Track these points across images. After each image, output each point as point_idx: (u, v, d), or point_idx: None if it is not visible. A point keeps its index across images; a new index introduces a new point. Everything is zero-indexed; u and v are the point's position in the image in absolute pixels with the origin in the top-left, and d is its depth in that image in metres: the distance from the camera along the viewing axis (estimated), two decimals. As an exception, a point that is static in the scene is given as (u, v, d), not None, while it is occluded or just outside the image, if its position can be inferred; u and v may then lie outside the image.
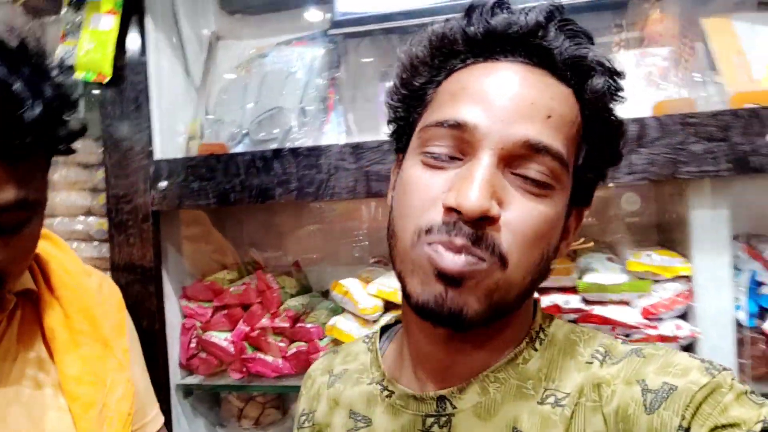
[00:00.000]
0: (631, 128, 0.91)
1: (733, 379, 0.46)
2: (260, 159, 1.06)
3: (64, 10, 1.12)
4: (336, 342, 1.15)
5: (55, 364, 0.73)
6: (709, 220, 0.95)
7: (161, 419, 0.90)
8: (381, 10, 1.17)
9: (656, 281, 1.02)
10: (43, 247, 0.80)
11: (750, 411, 0.43)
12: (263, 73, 1.24)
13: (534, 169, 0.48)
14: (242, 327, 1.21)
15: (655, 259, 1.00)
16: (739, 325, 1.00)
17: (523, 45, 0.51)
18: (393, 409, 0.56)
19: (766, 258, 0.99)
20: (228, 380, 1.22)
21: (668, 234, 1.08)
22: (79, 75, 1.11)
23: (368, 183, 1.01)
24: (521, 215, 0.48)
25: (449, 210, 0.47)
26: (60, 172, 1.30)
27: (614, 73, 0.53)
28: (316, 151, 1.04)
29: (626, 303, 1.03)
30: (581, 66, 0.51)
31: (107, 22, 1.11)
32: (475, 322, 0.48)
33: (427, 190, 0.49)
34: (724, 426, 0.42)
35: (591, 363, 0.51)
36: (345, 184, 1.02)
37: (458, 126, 0.49)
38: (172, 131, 1.23)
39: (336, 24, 1.18)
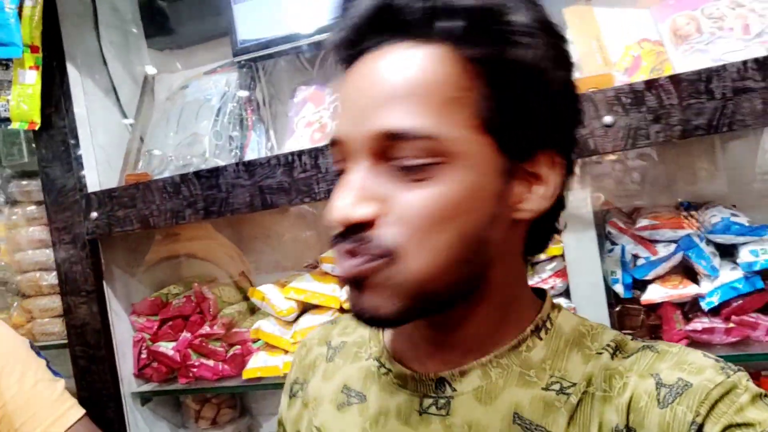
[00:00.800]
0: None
1: (748, 380, 0.45)
2: (170, 184, 1.17)
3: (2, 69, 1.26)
4: (268, 345, 1.26)
5: None
6: (573, 200, 1.01)
7: (66, 421, 0.94)
8: (278, 33, 1.26)
9: (538, 262, 1.08)
10: None
11: (765, 413, 0.43)
12: (183, 103, 1.36)
13: (405, 156, 0.44)
14: (185, 335, 1.33)
15: (529, 241, 1.06)
16: (618, 298, 1.05)
17: (380, 26, 0.47)
18: (389, 387, 0.54)
19: (633, 232, 1.04)
20: (178, 385, 1.34)
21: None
22: (14, 125, 1.25)
23: (263, 196, 1.11)
24: (404, 207, 0.44)
25: (332, 225, 0.47)
26: (23, 209, 1.46)
27: (485, 9, 0.45)
28: (215, 173, 1.14)
29: (512, 285, 1.09)
30: (435, 17, 0.45)
31: (31, 77, 1.24)
32: (398, 318, 0.46)
33: (327, 208, 0.48)
34: (738, 425, 0.42)
35: (601, 354, 0.50)
36: (242, 199, 1.12)
37: (335, 143, 0.48)
38: (108, 165, 1.36)
39: (238, 52, 1.29)
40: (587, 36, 1.08)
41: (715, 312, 0.99)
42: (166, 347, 1.34)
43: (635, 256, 1.04)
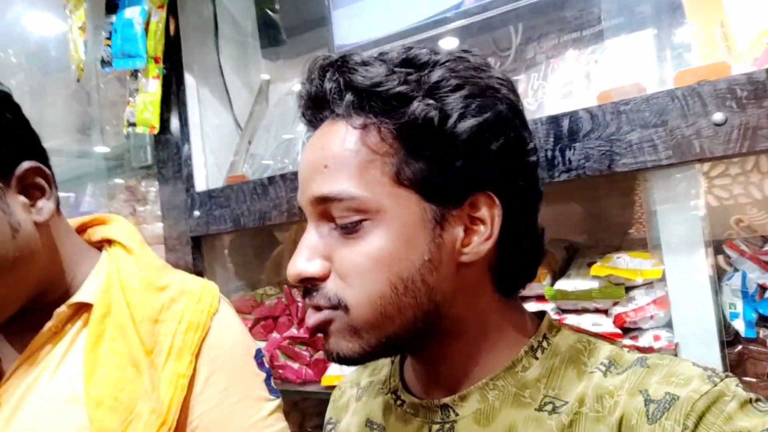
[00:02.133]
0: (563, 123, 0.86)
1: (737, 386, 0.45)
2: (259, 186, 1.21)
3: (128, 79, 1.41)
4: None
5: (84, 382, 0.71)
6: (677, 213, 0.85)
7: None
8: (376, 35, 1.25)
9: (635, 287, 0.93)
10: (116, 257, 0.79)
11: (755, 419, 0.43)
12: (286, 109, 1.40)
13: (337, 216, 0.50)
14: (275, 336, 1.36)
15: (623, 261, 0.91)
16: (738, 337, 0.86)
17: (316, 106, 0.54)
18: (404, 417, 0.58)
19: (758, 257, 0.84)
20: (265, 384, 1.37)
21: (631, 236, 0.97)
22: (138, 129, 1.38)
23: (340, 200, 1.09)
24: (342, 261, 0.50)
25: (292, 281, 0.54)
26: (151, 206, 1.60)
27: (369, 83, 0.50)
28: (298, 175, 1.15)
29: (604, 311, 0.95)
30: (337, 96, 0.51)
31: (153, 86, 1.36)
32: (360, 358, 0.51)
33: None
34: None
35: (594, 373, 0.51)
36: (321, 202, 1.12)
37: (300, 209, 0.55)
38: (218, 168, 1.44)
39: (334, 57, 1.29)
40: (709, 21, 0.91)
41: None
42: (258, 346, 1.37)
43: (762, 287, 0.85)
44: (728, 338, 0.88)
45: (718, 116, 0.76)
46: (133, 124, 1.40)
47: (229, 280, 1.45)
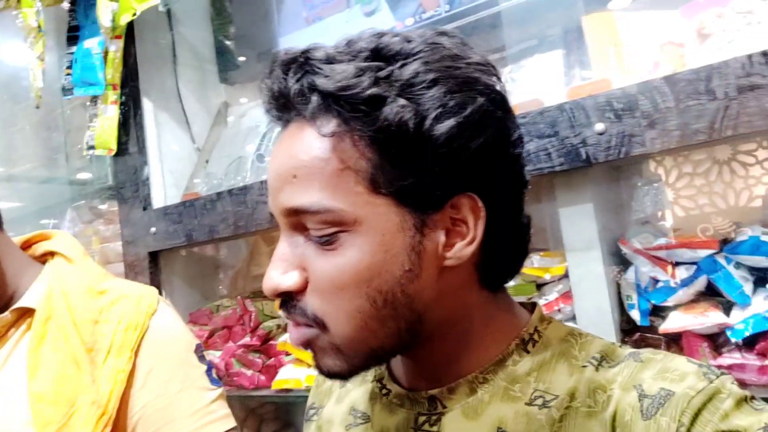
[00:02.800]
0: (472, 136, 0.95)
1: (732, 383, 0.45)
2: (209, 201, 1.28)
3: (87, 104, 1.49)
4: (297, 358, 1.30)
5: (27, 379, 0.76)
6: (575, 215, 0.94)
7: None
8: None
9: (545, 284, 1.01)
10: (57, 267, 0.85)
11: (750, 417, 0.42)
12: (238, 130, 1.48)
13: (312, 228, 0.47)
14: (230, 345, 1.42)
15: (535, 261, 0.99)
16: (635, 325, 0.95)
17: (282, 105, 0.50)
18: (390, 406, 0.57)
19: (648, 252, 0.93)
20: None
21: (546, 234, 1.06)
22: (97, 151, 1.46)
23: (282, 212, 1.17)
24: (318, 276, 0.47)
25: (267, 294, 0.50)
26: (114, 225, 1.67)
27: (336, 85, 0.46)
28: (244, 190, 1.23)
29: (520, 307, 1.03)
30: (305, 99, 0.47)
31: (111, 111, 1.44)
32: (349, 373, 0.50)
33: None
34: None
35: (585, 367, 0.49)
36: (264, 216, 1.19)
37: (272, 216, 0.52)
38: (176, 187, 1.52)
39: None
40: (605, 43, 1.01)
41: (749, 346, 0.85)
42: (214, 356, 1.43)
43: (654, 280, 0.93)
44: (627, 327, 0.96)
45: (599, 126, 0.85)
46: (92, 147, 1.48)
47: (186, 293, 1.52)
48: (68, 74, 1.47)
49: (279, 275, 0.48)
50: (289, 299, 0.48)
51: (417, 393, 0.54)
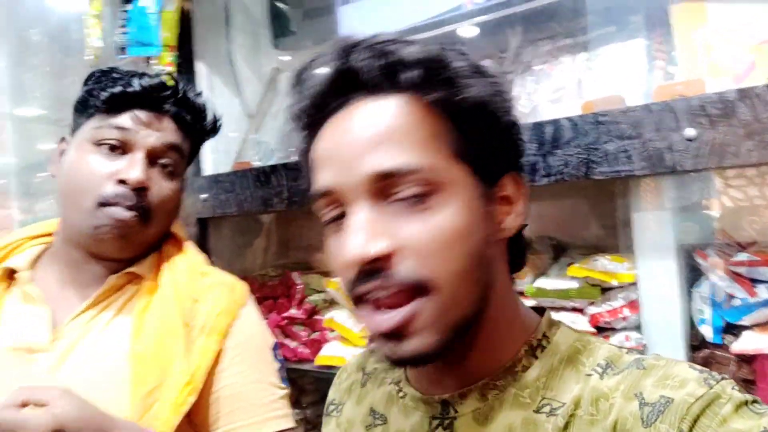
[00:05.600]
0: (546, 130, 0.90)
1: (733, 388, 0.45)
2: (262, 174, 1.26)
3: (140, 64, 1.46)
4: (343, 336, 1.30)
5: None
6: (651, 221, 0.89)
7: (266, 428, 0.84)
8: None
9: (610, 289, 0.97)
10: (169, 245, 0.92)
11: (749, 421, 0.43)
12: (292, 99, 1.45)
13: (403, 191, 0.48)
14: (273, 316, 1.43)
15: (601, 264, 0.95)
16: (705, 342, 0.91)
17: (343, 87, 0.52)
18: (405, 409, 0.58)
19: (728, 267, 0.88)
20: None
21: (616, 239, 1.02)
22: (150, 114, 1.44)
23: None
24: (416, 237, 0.48)
25: (350, 266, 0.49)
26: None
27: (429, 58, 0.51)
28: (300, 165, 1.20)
29: (580, 311, 1.00)
30: (390, 72, 0.50)
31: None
32: (440, 351, 0.49)
33: (338, 254, 0.52)
34: None
35: (590, 375, 0.51)
36: (319, 193, 1.17)
37: (326, 193, 0.51)
38: (227, 154, 1.50)
39: (339, 52, 1.34)
40: (694, 36, 0.94)
41: (827, 374, 0.81)
42: (258, 325, 1.44)
43: (731, 296, 0.89)
44: (696, 343, 0.92)
45: (689, 132, 0.79)
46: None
47: (233, 261, 1.52)
48: (123, 32, 1.44)
49: (365, 242, 0.47)
50: (376, 270, 0.47)
51: (431, 397, 0.56)
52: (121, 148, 0.84)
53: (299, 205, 1.21)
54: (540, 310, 0.58)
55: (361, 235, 0.47)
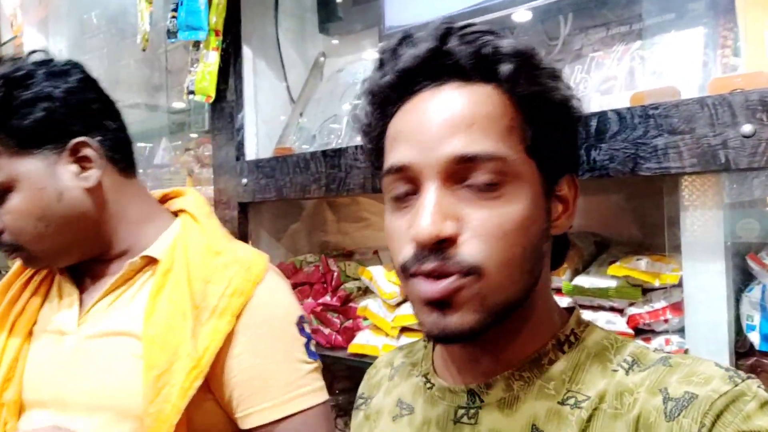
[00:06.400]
0: (591, 122, 0.87)
1: (759, 387, 0.46)
2: (302, 160, 1.27)
3: (190, 48, 1.49)
4: (376, 326, 1.30)
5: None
6: (701, 220, 0.84)
7: (281, 413, 0.82)
8: (426, 18, 1.27)
9: (652, 290, 0.93)
10: (184, 223, 0.90)
11: None
12: (336, 85, 1.44)
13: (478, 177, 0.50)
14: (310, 301, 1.44)
15: (643, 264, 0.91)
16: (753, 349, 0.86)
17: (434, 69, 0.53)
18: (432, 400, 0.60)
19: (783, 271, 0.83)
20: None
21: (662, 238, 0.96)
22: (196, 97, 1.47)
23: (374, 180, 1.14)
24: (481, 223, 0.50)
25: (414, 243, 0.51)
26: (207, 170, 1.70)
27: (524, 54, 0.53)
28: (338, 153, 1.20)
29: (620, 311, 0.96)
30: (486, 61, 0.52)
31: (212, 57, 1.43)
32: (479, 331, 0.51)
33: (398, 233, 0.54)
34: None
35: (617, 371, 0.52)
36: (357, 181, 1.16)
37: (401, 169, 0.53)
38: (269, 138, 1.51)
39: (384, 38, 1.32)
40: (760, 25, 0.88)
41: None
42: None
43: (785, 302, 0.83)
44: (743, 350, 0.87)
45: (746, 128, 0.74)
46: (192, 92, 1.48)
47: (272, 246, 1.54)
48: (173, 17, 1.47)
49: (437, 223, 0.49)
50: (441, 249, 0.49)
51: (457, 386, 0.58)
52: None
53: (336, 192, 1.20)
54: (570, 310, 0.60)
55: (435, 214, 0.49)
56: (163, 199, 0.98)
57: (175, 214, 0.94)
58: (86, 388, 0.82)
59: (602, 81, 1.04)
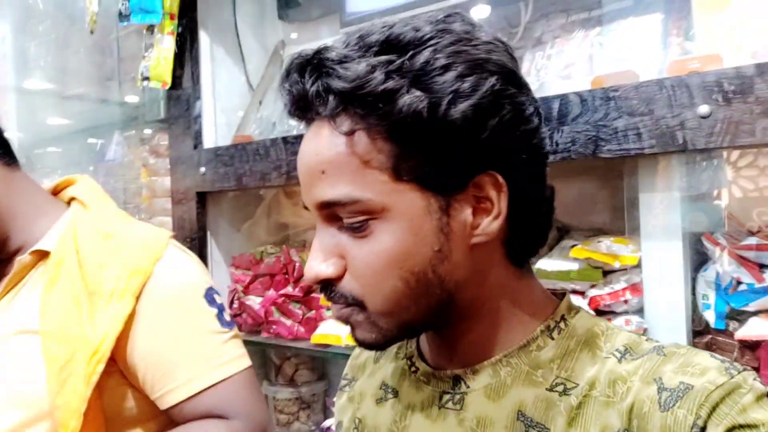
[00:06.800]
0: (554, 105, 0.87)
1: (755, 379, 0.45)
2: (262, 147, 1.24)
3: (144, 32, 1.44)
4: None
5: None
6: (658, 202, 0.86)
7: (197, 387, 0.81)
8: (387, 4, 1.26)
9: (612, 271, 0.94)
10: (74, 212, 0.88)
11: None
12: (295, 72, 1.42)
13: (345, 218, 0.50)
14: (271, 293, 1.41)
15: (604, 246, 0.93)
16: (708, 327, 0.88)
17: (299, 109, 0.52)
18: (417, 384, 0.59)
19: (734, 251, 0.85)
20: (260, 338, 1.43)
21: (623, 222, 0.98)
22: (151, 83, 1.42)
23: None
24: (355, 261, 0.51)
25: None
26: (163, 160, 1.65)
27: (356, 80, 0.48)
28: (299, 139, 1.17)
29: (581, 293, 0.97)
30: (321, 100, 0.49)
31: (168, 42, 1.39)
32: (383, 344, 0.53)
33: None
34: (741, 426, 0.42)
35: (608, 358, 0.51)
36: (319, 167, 1.14)
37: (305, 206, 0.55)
38: (228, 127, 1.48)
39: (345, 24, 1.30)
40: (714, 11, 0.90)
41: (836, 365, 0.78)
42: (254, 301, 1.43)
43: (737, 281, 0.86)
44: (699, 328, 0.89)
45: (703, 108, 0.76)
46: (147, 78, 1.43)
47: (232, 237, 1.50)
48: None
49: (319, 264, 0.51)
50: (329, 285, 0.51)
51: (442, 372, 0.56)
52: None
53: (297, 179, 1.18)
54: (561, 295, 0.58)
55: (318, 256, 0.51)
56: (55, 190, 0.95)
57: (69, 203, 0.91)
58: None
59: (563, 67, 1.05)
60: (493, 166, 0.49)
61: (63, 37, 2.00)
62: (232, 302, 1.46)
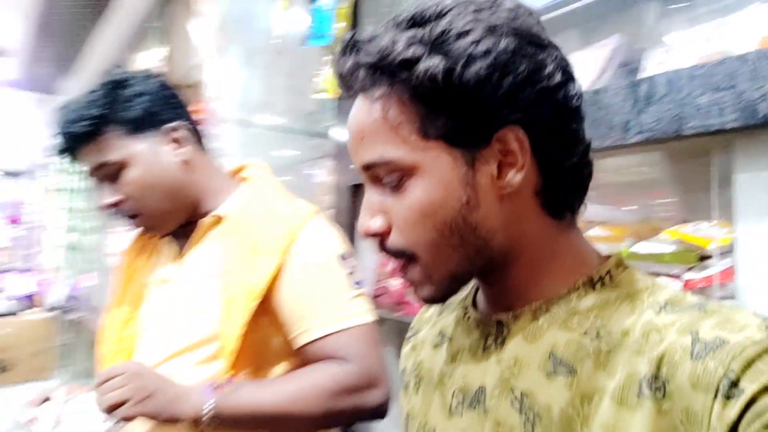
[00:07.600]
0: (641, 87, 0.90)
1: None
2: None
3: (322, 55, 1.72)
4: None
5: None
6: (755, 182, 0.84)
7: (326, 331, 0.98)
8: None
9: (709, 256, 0.92)
10: (247, 188, 1.13)
11: None
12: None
13: (384, 177, 0.57)
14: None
15: (699, 228, 0.91)
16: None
17: (347, 83, 0.58)
18: (468, 329, 0.65)
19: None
20: (396, 316, 1.59)
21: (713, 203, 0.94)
22: (324, 94, 1.70)
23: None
24: (395, 216, 0.57)
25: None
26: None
27: (380, 53, 0.54)
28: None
29: (676, 276, 0.96)
30: (358, 74, 0.56)
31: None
32: (444, 296, 0.60)
33: None
34: None
35: (647, 310, 0.52)
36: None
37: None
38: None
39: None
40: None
41: None
42: (392, 284, 1.60)
43: None
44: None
45: (786, 79, 0.74)
46: (322, 91, 1.72)
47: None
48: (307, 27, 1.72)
49: (367, 221, 0.58)
50: (382, 241, 0.58)
51: (489, 317, 0.62)
52: None
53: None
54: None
55: (366, 214, 0.58)
56: (234, 172, 1.20)
57: (242, 181, 1.15)
58: (185, 322, 1.06)
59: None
60: (515, 121, 0.53)
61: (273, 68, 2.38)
62: (376, 282, 1.65)
